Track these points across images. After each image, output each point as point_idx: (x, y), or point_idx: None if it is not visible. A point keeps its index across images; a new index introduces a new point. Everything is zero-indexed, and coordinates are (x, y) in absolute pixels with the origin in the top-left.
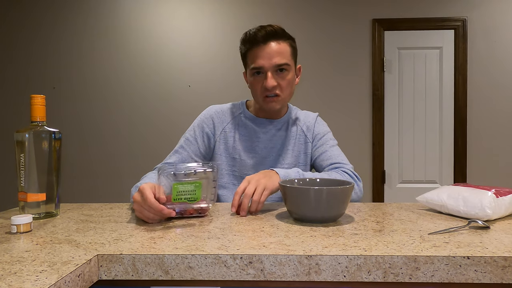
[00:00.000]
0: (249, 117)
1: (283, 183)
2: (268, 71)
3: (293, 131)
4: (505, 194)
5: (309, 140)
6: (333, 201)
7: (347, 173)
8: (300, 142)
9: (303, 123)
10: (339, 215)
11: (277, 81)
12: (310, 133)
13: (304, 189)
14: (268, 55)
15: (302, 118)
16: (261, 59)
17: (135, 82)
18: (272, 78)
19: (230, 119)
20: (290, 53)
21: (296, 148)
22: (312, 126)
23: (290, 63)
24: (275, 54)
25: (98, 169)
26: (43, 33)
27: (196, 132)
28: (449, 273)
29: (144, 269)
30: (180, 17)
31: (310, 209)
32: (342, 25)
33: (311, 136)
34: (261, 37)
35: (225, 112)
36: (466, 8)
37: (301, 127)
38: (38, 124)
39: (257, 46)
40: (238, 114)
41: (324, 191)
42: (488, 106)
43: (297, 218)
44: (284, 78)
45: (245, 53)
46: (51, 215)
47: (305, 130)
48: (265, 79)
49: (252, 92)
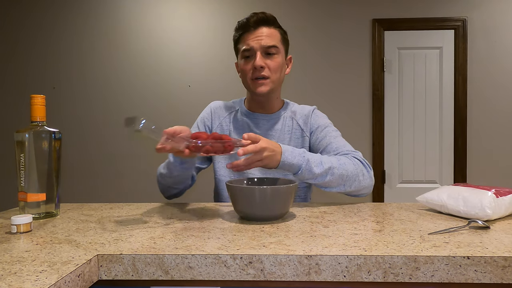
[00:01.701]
0: (244, 112)
1: (229, 183)
2: (257, 51)
3: (288, 125)
4: (505, 194)
5: (305, 134)
6: (277, 199)
7: (357, 159)
8: (296, 136)
9: (299, 117)
10: (284, 214)
11: (266, 63)
12: (307, 127)
13: (249, 188)
14: (258, 37)
15: (299, 111)
16: (251, 41)
17: (135, 82)
18: (261, 58)
19: (227, 114)
20: (280, 38)
21: (293, 143)
22: (309, 119)
23: (279, 47)
24: (265, 37)
25: (98, 169)
26: (43, 33)
27: (199, 126)
28: (449, 273)
29: (144, 269)
30: (180, 17)
31: (256, 208)
32: (342, 25)
33: (308, 130)
34: (252, 22)
35: (224, 107)
36: (466, 8)
37: (297, 121)
38: (38, 124)
39: (248, 31)
40: (235, 110)
41: (268, 190)
42: (488, 106)
43: (243, 217)
44: (273, 60)
45: (237, 39)
46: (51, 215)
47: (302, 124)
48: (254, 61)
49: (242, 78)
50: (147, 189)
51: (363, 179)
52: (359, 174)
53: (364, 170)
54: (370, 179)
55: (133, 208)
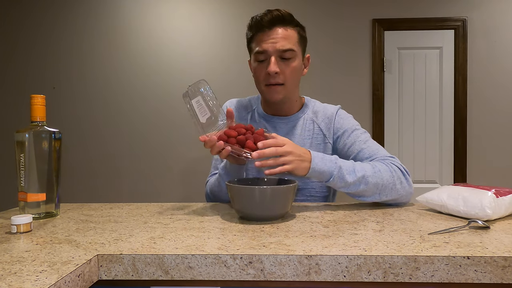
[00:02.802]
0: (261, 114)
1: (229, 183)
2: (272, 55)
3: (309, 129)
4: (505, 194)
5: (328, 140)
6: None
7: (395, 165)
8: (318, 141)
9: (321, 120)
10: (284, 214)
11: (281, 68)
12: (329, 132)
13: (249, 189)
14: (273, 39)
15: (320, 113)
16: (265, 43)
17: (135, 82)
18: (275, 63)
19: (245, 114)
20: (297, 39)
21: (314, 149)
22: (332, 123)
23: (296, 50)
24: (280, 39)
25: (98, 169)
26: (43, 33)
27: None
28: (449, 273)
29: (144, 269)
30: (180, 17)
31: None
32: (342, 25)
33: (331, 135)
34: (266, 22)
35: (243, 106)
36: (466, 8)
37: (318, 124)
38: (38, 124)
39: (262, 31)
40: (252, 109)
41: (268, 190)
42: (488, 106)
43: (243, 217)
44: (289, 65)
45: (251, 38)
46: (51, 215)
47: (324, 128)
48: (268, 65)
49: (255, 81)
50: (147, 189)
51: (401, 187)
52: (396, 182)
53: (402, 177)
54: (409, 187)
55: (133, 208)
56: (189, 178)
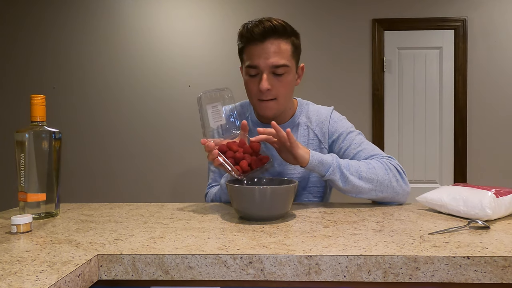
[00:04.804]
0: (255, 122)
1: (229, 183)
2: (264, 71)
3: (304, 135)
4: (505, 194)
5: (323, 145)
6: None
7: (392, 164)
8: (314, 147)
9: (315, 125)
10: (284, 214)
11: (273, 84)
12: (324, 136)
13: (249, 188)
14: (265, 54)
15: (314, 117)
16: (257, 58)
17: (135, 82)
18: (266, 80)
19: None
20: (290, 52)
21: None
22: (327, 127)
23: (289, 64)
24: (273, 54)
25: (98, 169)
26: (43, 33)
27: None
28: (449, 273)
29: (144, 269)
30: (180, 17)
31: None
32: (342, 25)
33: (326, 139)
34: (258, 34)
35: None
36: (466, 8)
37: (313, 129)
38: (38, 124)
39: (254, 44)
40: (246, 117)
41: (268, 190)
42: (488, 106)
43: (243, 217)
44: (282, 81)
45: (241, 49)
46: (51, 215)
47: (318, 132)
48: (260, 81)
49: (247, 94)
50: (147, 189)
51: (398, 185)
52: (392, 180)
53: (398, 175)
54: (405, 185)
55: (133, 208)
56: (189, 178)
